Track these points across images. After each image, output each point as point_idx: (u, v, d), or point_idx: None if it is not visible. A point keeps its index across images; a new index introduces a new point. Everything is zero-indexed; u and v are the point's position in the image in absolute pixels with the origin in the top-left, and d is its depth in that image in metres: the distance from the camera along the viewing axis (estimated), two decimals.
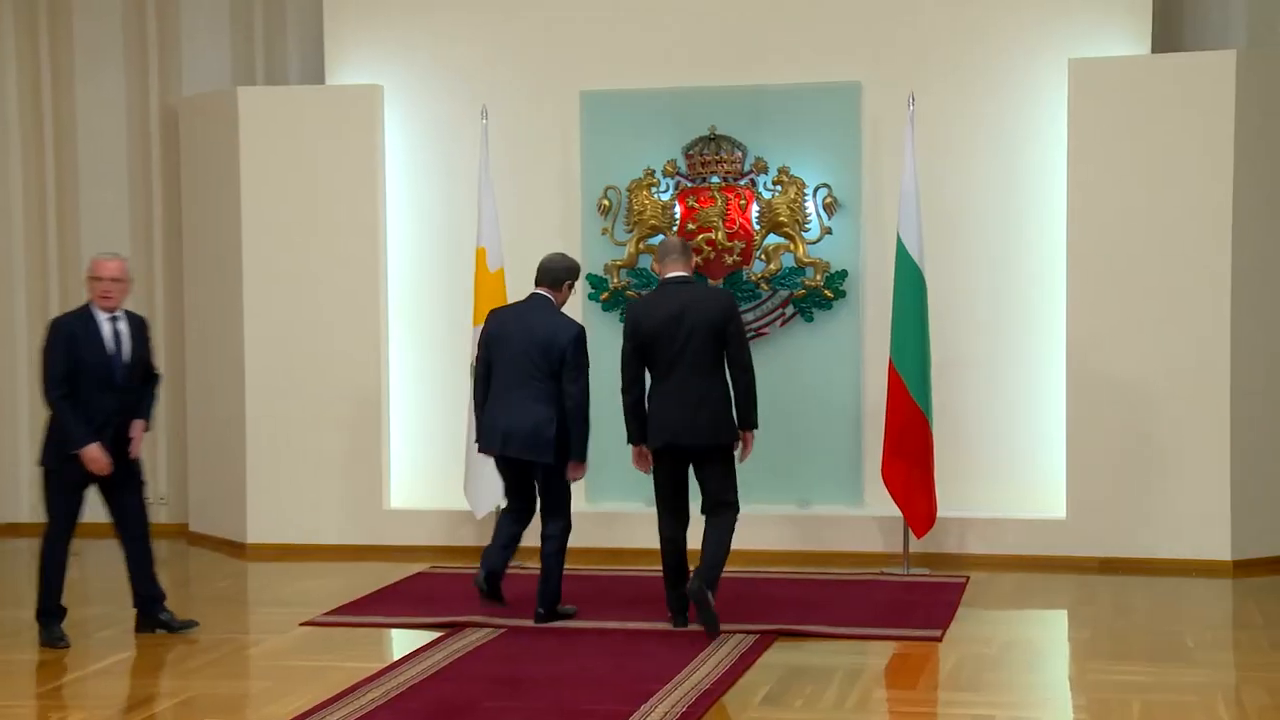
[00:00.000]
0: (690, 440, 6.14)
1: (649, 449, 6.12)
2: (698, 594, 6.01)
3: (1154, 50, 7.71)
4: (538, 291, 6.50)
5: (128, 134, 9.00)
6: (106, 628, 6.67)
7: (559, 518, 6.42)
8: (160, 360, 6.73)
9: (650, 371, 6.13)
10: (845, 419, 7.99)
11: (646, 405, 6.13)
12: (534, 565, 6.56)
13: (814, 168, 7.94)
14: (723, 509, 6.19)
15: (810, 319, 7.95)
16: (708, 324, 6.10)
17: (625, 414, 6.15)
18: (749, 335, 6.59)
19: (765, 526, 7.58)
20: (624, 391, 6.12)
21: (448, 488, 8.02)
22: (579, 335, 6.34)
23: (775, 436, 7.42)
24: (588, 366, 6.32)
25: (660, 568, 6.27)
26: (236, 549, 8.40)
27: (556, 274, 6.48)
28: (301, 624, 6.62)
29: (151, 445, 8.61)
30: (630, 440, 6.19)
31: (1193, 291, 7.56)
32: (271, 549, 8.27)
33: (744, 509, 6.33)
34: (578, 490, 6.77)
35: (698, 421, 6.10)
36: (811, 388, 7.99)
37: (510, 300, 7.27)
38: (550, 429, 6.30)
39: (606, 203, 8.05)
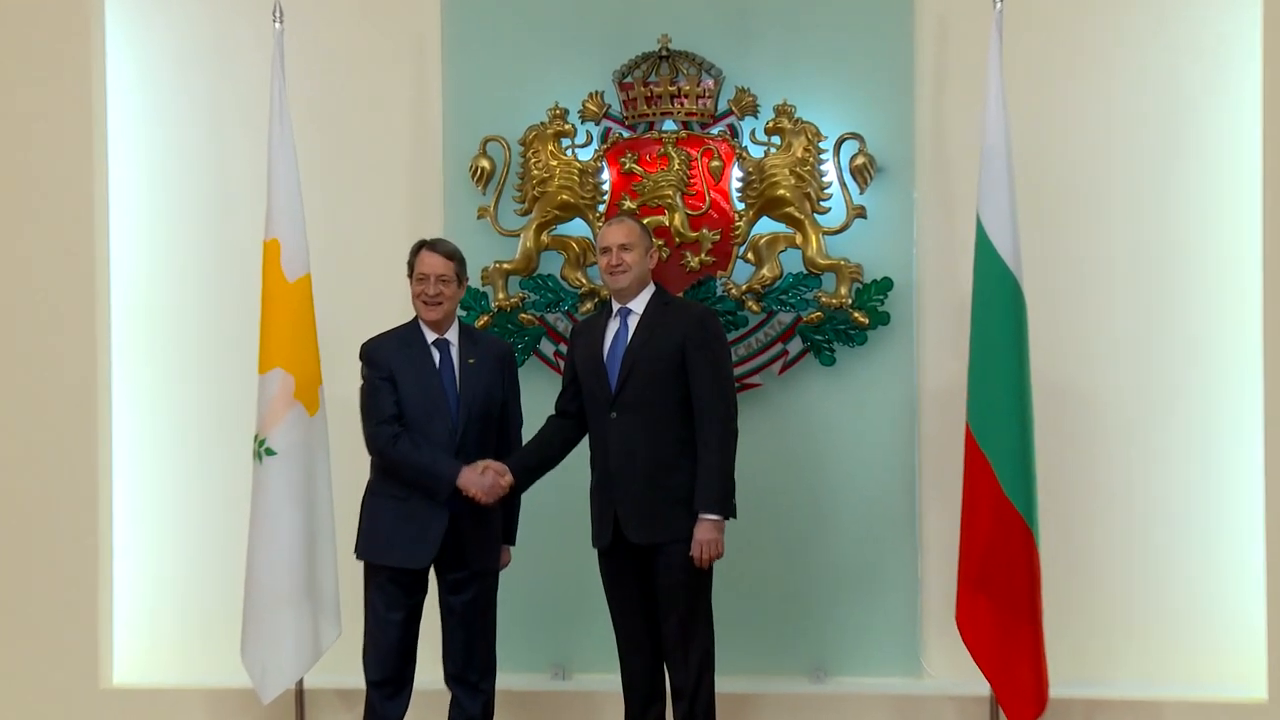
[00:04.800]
0: None
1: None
2: None
3: None
4: None
5: None
6: None
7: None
8: None
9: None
10: (890, 529, 6.98)
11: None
12: None
13: (835, 107, 6.92)
14: None
15: (830, 361, 6.87)
16: None
17: (732, 465, 5.95)
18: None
19: (758, 713, 6.66)
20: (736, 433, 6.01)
21: (212, 652, 7.07)
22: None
23: (772, 560, 6.75)
24: (363, 409, 6.16)
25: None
26: None
27: None
28: None
29: None
30: (732, 509, 6.00)
31: None
32: None
33: (718, 681, 6.03)
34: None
35: None
36: (833, 476, 7.00)
37: (320, 326, 6.50)
38: None
39: (486, 164, 7.00)
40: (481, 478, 5.96)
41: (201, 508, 7.27)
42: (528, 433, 6.26)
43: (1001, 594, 6.24)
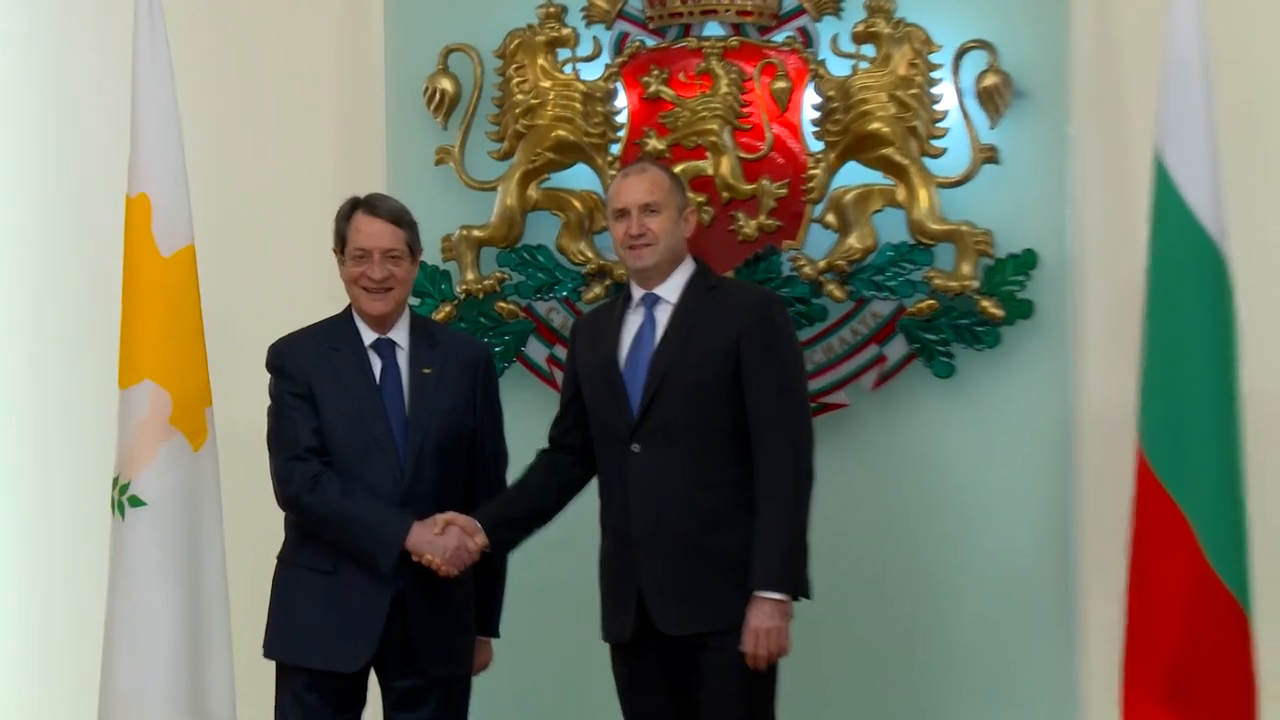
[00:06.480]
0: None
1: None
2: None
3: None
4: None
5: None
6: None
7: None
8: None
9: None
10: (1036, 610, 5.96)
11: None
12: None
13: (954, 7, 5.93)
14: None
15: (947, 372, 5.87)
16: None
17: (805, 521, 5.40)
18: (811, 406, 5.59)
19: None
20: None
21: None
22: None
23: (865, 657, 5.94)
24: (270, 439, 5.42)
25: None
26: None
27: None
28: None
29: None
30: (805, 585, 5.33)
31: None
32: None
33: None
34: None
35: None
36: (952, 536, 6.00)
37: (209, 320, 5.82)
38: None
39: (448, 86, 6.10)
40: (441, 538, 4.95)
41: (41, 582, 6.32)
42: (513, 474, 5.17)
43: (1205, 705, 5.05)
